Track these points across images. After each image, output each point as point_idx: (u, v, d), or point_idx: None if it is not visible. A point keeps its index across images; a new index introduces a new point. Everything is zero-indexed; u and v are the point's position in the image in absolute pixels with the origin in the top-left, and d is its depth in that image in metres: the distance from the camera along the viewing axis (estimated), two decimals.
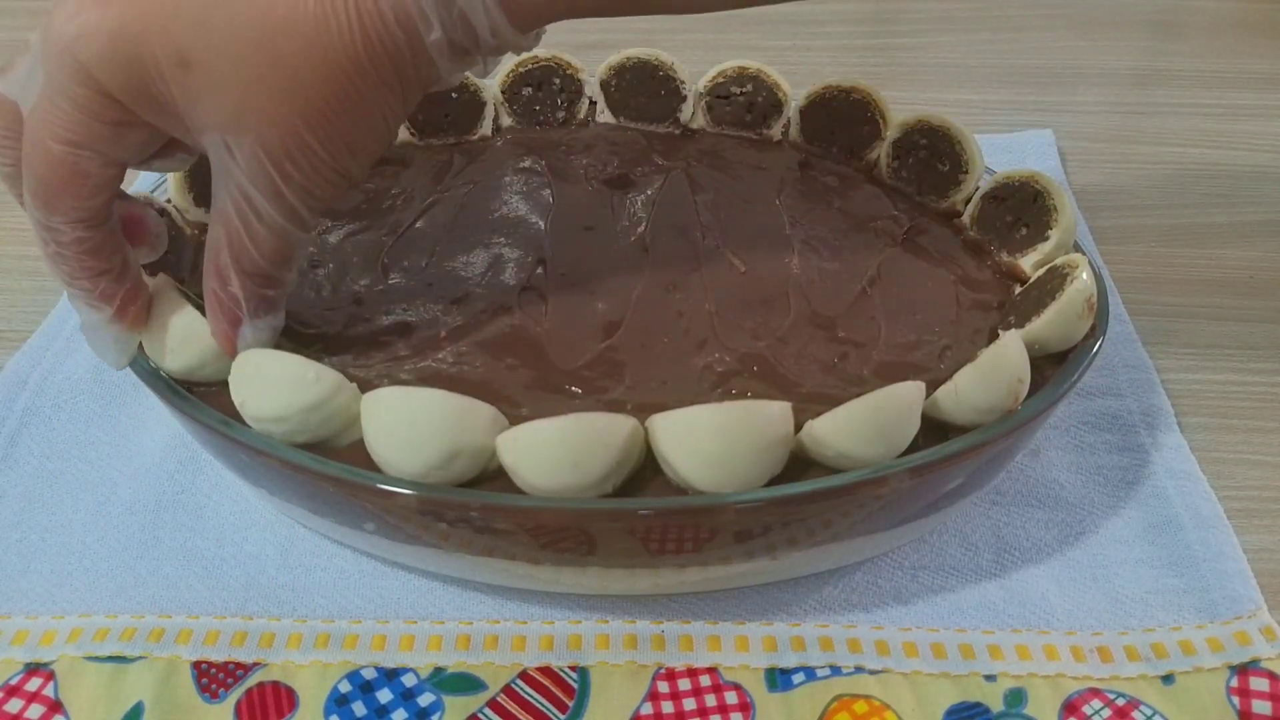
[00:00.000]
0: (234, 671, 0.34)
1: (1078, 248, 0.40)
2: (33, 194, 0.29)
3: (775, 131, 0.49)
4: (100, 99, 0.28)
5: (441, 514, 0.31)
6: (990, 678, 0.34)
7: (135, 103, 0.28)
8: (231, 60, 0.27)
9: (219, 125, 0.28)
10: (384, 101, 0.29)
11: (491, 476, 0.31)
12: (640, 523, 0.31)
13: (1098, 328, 0.36)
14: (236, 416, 0.32)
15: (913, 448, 0.31)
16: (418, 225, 0.42)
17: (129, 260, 0.32)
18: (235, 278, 0.31)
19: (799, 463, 0.31)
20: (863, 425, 0.30)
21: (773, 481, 0.30)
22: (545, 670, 0.34)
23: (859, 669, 0.34)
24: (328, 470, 0.31)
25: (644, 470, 0.31)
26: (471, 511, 0.31)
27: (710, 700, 0.33)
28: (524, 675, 0.34)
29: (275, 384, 0.31)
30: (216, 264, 0.31)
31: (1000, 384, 0.32)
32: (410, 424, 0.29)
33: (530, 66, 0.49)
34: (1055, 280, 0.37)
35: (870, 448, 0.30)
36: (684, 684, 0.34)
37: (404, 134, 0.47)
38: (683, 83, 0.49)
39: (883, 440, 0.31)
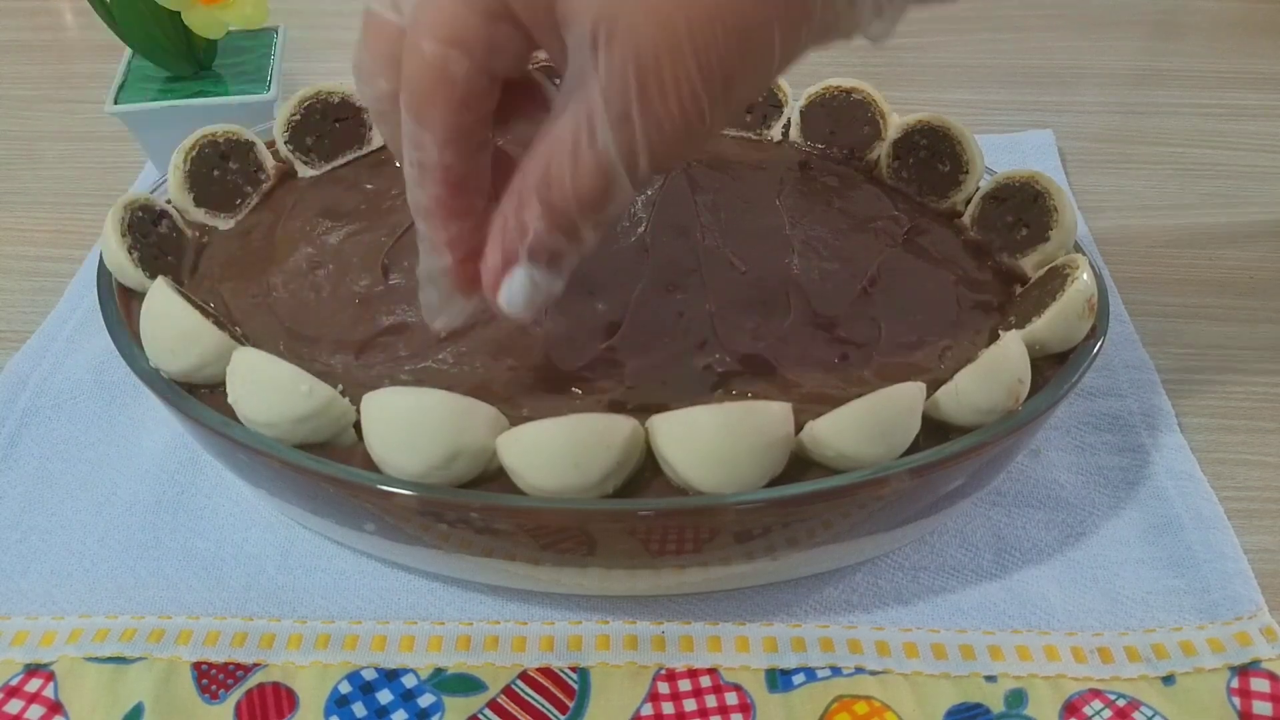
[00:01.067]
0: (234, 672, 0.34)
1: (1078, 248, 0.40)
2: (405, 102, 0.26)
3: (775, 131, 0.49)
4: None
5: (441, 514, 0.31)
6: (991, 678, 0.34)
7: None
8: None
9: (593, 13, 0.24)
10: (777, 37, 0.24)
11: (492, 477, 0.31)
12: (641, 523, 0.31)
13: (1098, 328, 0.36)
14: (236, 418, 0.32)
15: (913, 448, 0.31)
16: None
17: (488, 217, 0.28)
18: (535, 204, 0.26)
19: (800, 463, 0.31)
20: (863, 426, 0.30)
21: (773, 482, 0.30)
22: (545, 671, 0.34)
23: (859, 670, 0.34)
24: (328, 470, 0.31)
25: (644, 471, 0.31)
26: (472, 512, 0.31)
27: (711, 701, 0.33)
28: (524, 676, 0.34)
29: (269, 390, 0.31)
30: (521, 184, 0.27)
31: (1000, 384, 0.32)
32: (410, 425, 0.29)
33: (531, 66, 0.49)
34: (1056, 281, 0.37)
35: (871, 448, 0.30)
36: (684, 685, 0.34)
37: None
38: None
39: (883, 441, 0.31)
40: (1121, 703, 0.33)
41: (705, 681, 0.34)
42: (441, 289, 0.30)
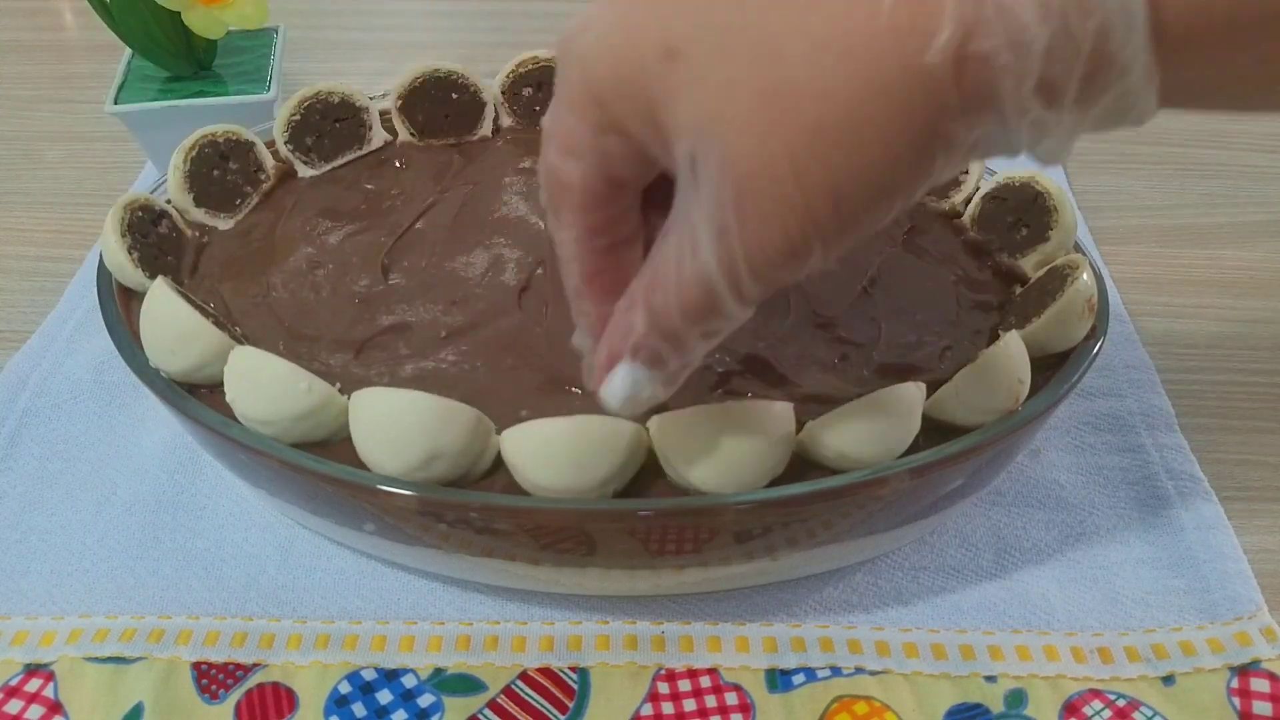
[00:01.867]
0: (234, 672, 0.34)
1: (1078, 248, 0.40)
2: (544, 204, 0.28)
3: None
4: (586, 99, 0.25)
5: (441, 514, 0.31)
6: (991, 678, 0.34)
7: (614, 101, 0.24)
8: (720, 51, 0.22)
9: (691, 131, 0.23)
10: (903, 158, 0.22)
11: (484, 476, 0.31)
12: (641, 523, 0.31)
13: (1098, 328, 0.36)
14: (235, 417, 0.32)
15: (913, 448, 0.31)
16: (418, 226, 0.42)
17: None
18: (640, 308, 0.26)
19: (800, 463, 0.31)
20: (863, 426, 0.30)
21: (774, 482, 0.30)
22: (545, 671, 0.34)
23: (859, 670, 0.34)
24: (327, 470, 0.31)
25: (645, 471, 0.31)
26: (472, 512, 0.31)
27: (710, 701, 0.33)
28: (524, 676, 0.34)
29: (267, 388, 0.31)
30: (635, 286, 0.27)
31: (1000, 384, 0.32)
32: (391, 425, 0.29)
33: (530, 67, 0.49)
34: (1055, 281, 0.37)
35: (871, 448, 0.30)
36: (684, 685, 0.34)
37: (404, 134, 0.47)
38: None
39: (883, 441, 0.31)
40: (1121, 703, 0.33)
41: (705, 682, 0.34)
42: (590, 364, 0.30)
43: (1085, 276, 0.35)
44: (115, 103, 0.55)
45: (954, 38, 0.20)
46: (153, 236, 0.39)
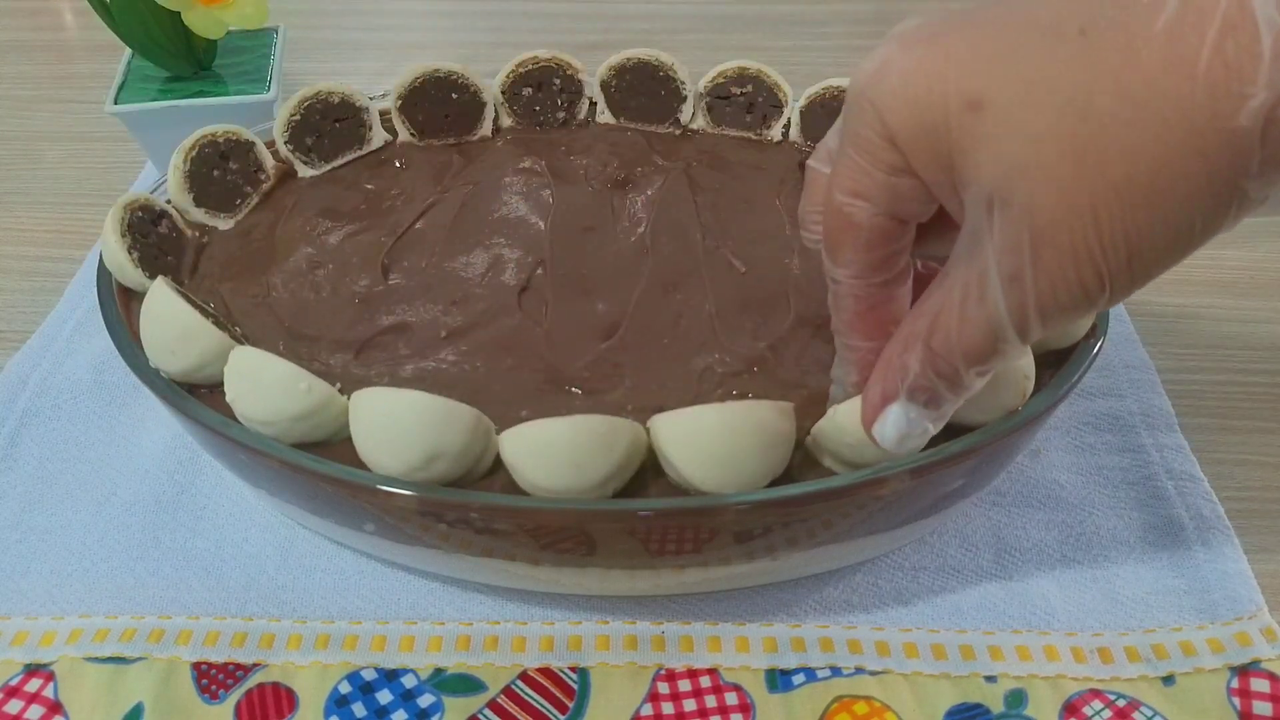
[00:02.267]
0: (234, 672, 0.34)
1: None
2: (823, 242, 0.29)
3: (775, 132, 0.49)
4: (880, 143, 0.26)
5: (441, 514, 0.31)
6: (991, 679, 0.34)
7: (911, 146, 0.26)
8: (1027, 104, 0.23)
9: (991, 179, 0.24)
10: (1198, 216, 0.23)
11: (485, 476, 0.31)
12: (640, 523, 0.31)
13: (1098, 328, 0.36)
14: (235, 417, 0.32)
15: None
16: (418, 226, 0.42)
17: None
18: (919, 349, 0.27)
19: (800, 463, 0.31)
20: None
21: (774, 482, 0.30)
22: (545, 671, 0.34)
23: (859, 670, 0.34)
24: (327, 470, 0.31)
25: (645, 471, 0.31)
26: (472, 512, 0.31)
27: (710, 701, 0.33)
28: (524, 676, 0.34)
29: (268, 389, 0.31)
30: (909, 328, 0.28)
31: (1007, 382, 0.32)
32: (391, 425, 0.29)
33: (530, 67, 0.49)
34: None
35: (871, 448, 0.30)
36: (684, 685, 0.34)
37: (404, 134, 0.47)
38: (683, 83, 0.49)
39: None
40: (1121, 703, 0.33)
41: (705, 681, 0.34)
42: (848, 394, 0.32)
43: None
44: (115, 103, 0.55)
45: (1267, 101, 0.21)
46: (153, 236, 0.39)
